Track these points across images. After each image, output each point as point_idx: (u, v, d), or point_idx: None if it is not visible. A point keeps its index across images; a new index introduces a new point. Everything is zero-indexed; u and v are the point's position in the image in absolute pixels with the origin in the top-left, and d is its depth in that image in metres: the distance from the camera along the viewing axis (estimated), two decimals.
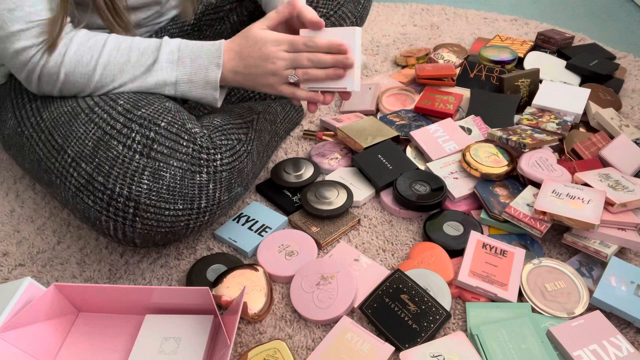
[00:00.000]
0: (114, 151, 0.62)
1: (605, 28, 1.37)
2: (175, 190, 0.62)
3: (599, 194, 0.72)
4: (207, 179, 0.65)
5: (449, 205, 0.81)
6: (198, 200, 0.64)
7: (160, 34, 0.92)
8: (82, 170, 0.63)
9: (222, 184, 0.67)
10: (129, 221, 0.62)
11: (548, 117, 0.92)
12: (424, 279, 0.69)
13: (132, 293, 0.62)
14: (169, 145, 0.63)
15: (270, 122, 0.89)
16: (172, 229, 0.64)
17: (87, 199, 0.62)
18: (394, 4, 1.52)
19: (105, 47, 0.67)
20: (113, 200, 0.61)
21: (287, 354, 0.61)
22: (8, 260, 0.78)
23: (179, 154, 0.63)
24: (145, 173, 0.61)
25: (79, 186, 0.63)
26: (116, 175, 0.61)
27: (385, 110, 1.04)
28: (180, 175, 0.63)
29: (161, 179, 0.62)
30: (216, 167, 0.66)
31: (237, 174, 0.69)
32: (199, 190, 0.64)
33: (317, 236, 0.77)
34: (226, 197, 0.68)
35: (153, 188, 0.61)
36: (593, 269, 0.70)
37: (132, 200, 0.61)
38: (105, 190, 0.61)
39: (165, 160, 0.62)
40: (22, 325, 0.59)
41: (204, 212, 0.66)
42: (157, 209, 0.62)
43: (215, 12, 0.96)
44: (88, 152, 0.63)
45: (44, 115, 0.70)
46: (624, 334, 0.64)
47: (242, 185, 0.72)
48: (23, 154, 0.73)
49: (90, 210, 0.63)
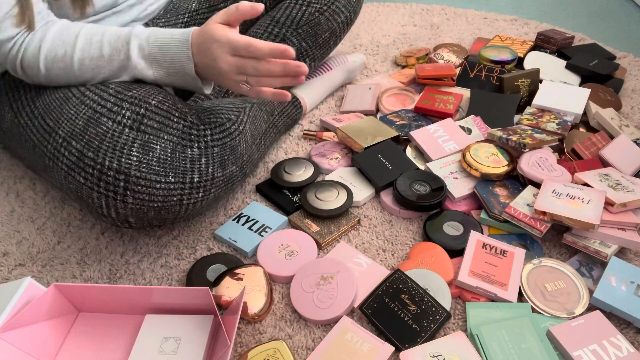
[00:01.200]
0: (104, 127, 0.63)
1: (605, 28, 1.37)
2: (166, 163, 0.62)
3: (599, 194, 0.72)
4: (199, 154, 0.65)
5: (449, 205, 0.81)
6: (190, 174, 0.64)
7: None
8: (72, 148, 0.63)
9: (215, 160, 0.67)
10: (120, 196, 0.61)
11: (548, 117, 0.92)
12: (424, 279, 0.69)
13: (132, 293, 0.62)
14: (159, 121, 0.64)
15: (267, 112, 0.89)
16: (164, 204, 0.64)
17: (78, 177, 0.63)
18: (394, 4, 1.52)
19: (78, 41, 0.67)
20: (103, 175, 0.61)
21: (287, 354, 0.61)
22: (8, 260, 0.78)
23: (170, 128, 0.64)
24: (134, 145, 0.61)
25: (70, 164, 0.63)
26: (105, 149, 0.61)
27: (385, 110, 1.04)
28: (170, 148, 0.63)
29: (151, 151, 0.62)
30: (207, 142, 0.66)
31: (230, 151, 0.69)
32: (190, 164, 0.64)
33: (317, 236, 0.77)
34: (220, 174, 0.68)
35: (143, 160, 0.61)
36: (593, 269, 0.70)
37: (122, 173, 0.61)
38: (95, 165, 0.61)
39: (155, 134, 0.63)
40: (22, 325, 0.59)
41: (197, 187, 0.66)
42: (148, 181, 0.61)
43: (209, 10, 0.96)
44: (78, 130, 0.64)
45: (37, 103, 0.71)
46: (624, 334, 0.64)
47: (236, 164, 0.71)
48: (21, 144, 0.74)
49: (82, 188, 0.63)
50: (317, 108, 1.08)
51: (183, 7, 0.95)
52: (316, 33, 0.92)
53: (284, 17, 0.92)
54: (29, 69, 0.67)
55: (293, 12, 0.91)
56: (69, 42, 0.67)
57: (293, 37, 0.92)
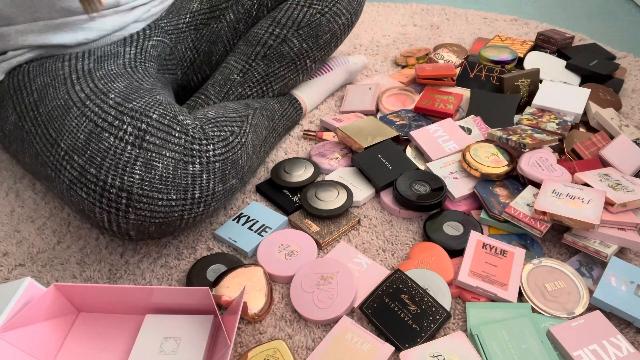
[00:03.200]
0: (106, 143, 0.62)
1: (605, 28, 1.37)
2: (168, 180, 0.62)
3: (599, 194, 0.72)
4: (200, 170, 0.65)
5: (449, 205, 0.81)
6: (192, 191, 0.64)
7: (155, 31, 0.92)
8: (74, 162, 0.63)
9: (216, 175, 0.67)
10: (122, 212, 0.62)
11: (548, 117, 0.92)
12: (424, 279, 0.69)
13: (132, 293, 0.62)
14: (161, 137, 0.63)
15: (268, 118, 0.89)
16: (165, 219, 0.64)
17: (80, 191, 0.63)
18: (394, 4, 1.52)
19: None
20: (106, 192, 0.61)
21: (287, 354, 0.61)
22: (8, 260, 0.78)
23: (171, 144, 0.63)
24: (137, 163, 0.61)
25: (72, 179, 0.63)
26: (108, 167, 0.61)
27: (385, 110, 1.04)
28: (172, 165, 0.63)
29: (153, 169, 0.62)
30: (209, 158, 0.66)
31: (231, 165, 0.69)
32: (192, 180, 0.64)
33: (317, 236, 0.77)
34: (220, 189, 0.68)
35: (145, 178, 0.61)
36: (593, 269, 0.70)
37: (125, 190, 0.61)
38: (98, 181, 0.61)
39: (158, 151, 0.62)
40: (22, 325, 0.59)
41: (198, 202, 0.66)
42: (150, 199, 0.62)
43: (210, 10, 0.96)
44: (80, 145, 0.64)
45: (41, 109, 0.71)
46: (624, 334, 0.64)
47: (237, 177, 0.71)
48: (24, 149, 0.74)
49: (84, 203, 0.63)
50: (317, 108, 1.08)
51: (185, 7, 0.95)
52: (317, 34, 0.92)
53: (285, 17, 0.92)
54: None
55: (294, 13, 0.91)
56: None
57: (294, 38, 0.92)
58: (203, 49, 0.98)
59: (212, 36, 0.97)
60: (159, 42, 0.92)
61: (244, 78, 0.92)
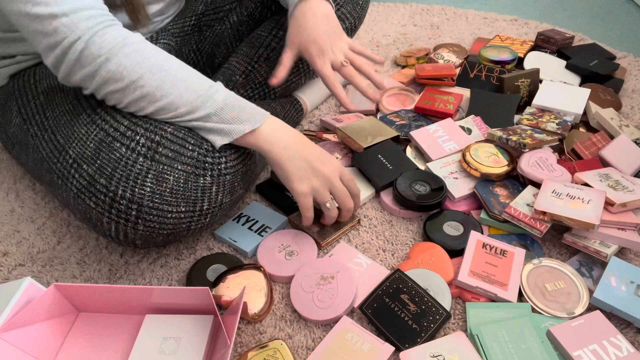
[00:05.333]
0: (117, 153, 0.61)
1: (605, 28, 1.37)
2: (179, 193, 0.62)
3: (599, 194, 0.72)
4: (211, 182, 0.64)
5: (449, 205, 0.81)
6: (200, 203, 0.64)
7: (162, 34, 0.92)
8: (83, 171, 0.62)
9: (226, 187, 0.66)
10: (131, 223, 0.61)
11: (548, 117, 0.92)
12: (424, 279, 0.69)
13: (132, 293, 0.62)
14: (174, 149, 0.62)
15: None
16: (173, 230, 0.64)
17: (88, 201, 0.62)
18: (394, 4, 1.52)
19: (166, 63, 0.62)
20: (115, 203, 0.60)
21: (287, 354, 0.61)
22: (8, 260, 0.78)
23: (184, 157, 0.63)
24: (148, 176, 0.60)
25: (80, 187, 0.62)
26: (119, 178, 0.60)
27: (385, 110, 1.04)
28: (184, 178, 0.62)
29: (164, 182, 0.61)
30: (220, 171, 0.65)
31: (241, 177, 0.69)
32: (201, 192, 0.64)
33: (317, 236, 0.77)
34: (228, 200, 0.68)
35: (156, 191, 0.61)
36: (593, 269, 0.70)
37: (135, 202, 0.60)
38: (108, 192, 0.60)
39: (170, 164, 0.62)
40: (22, 325, 0.59)
41: (205, 214, 0.66)
42: (160, 211, 0.61)
43: (214, 12, 0.96)
44: (89, 153, 0.62)
45: (48, 113, 0.69)
46: (624, 334, 0.64)
47: (244, 187, 0.71)
48: (27, 152, 0.73)
49: (92, 212, 0.62)
50: (317, 108, 1.08)
51: (190, 9, 0.96)
52: None
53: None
54: (88, 58, 0.57)
55: None
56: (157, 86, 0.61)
57: None
58: (206, 51, 0.98)
59: (215, 38, 0.97)
60: (165, 45, 0.92)
61: (246, 80, 0.92)
